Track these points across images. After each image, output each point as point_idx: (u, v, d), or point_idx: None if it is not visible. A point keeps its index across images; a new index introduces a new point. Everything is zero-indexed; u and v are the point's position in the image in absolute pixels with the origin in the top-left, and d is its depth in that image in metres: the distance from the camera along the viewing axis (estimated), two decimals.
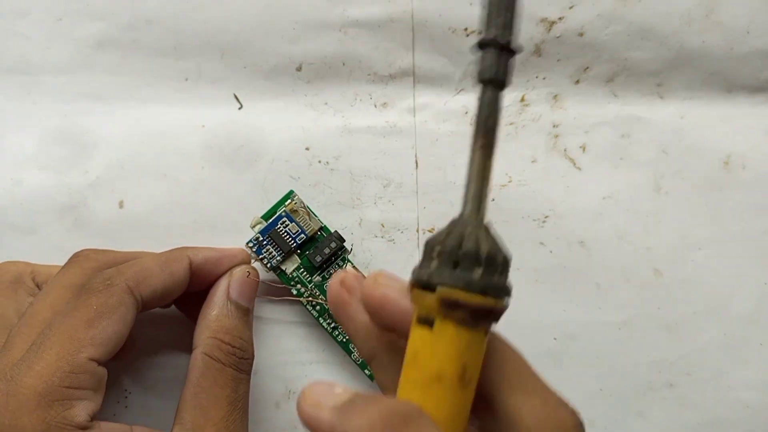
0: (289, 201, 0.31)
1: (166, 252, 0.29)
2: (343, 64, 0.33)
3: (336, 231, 0.31)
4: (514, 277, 0.32)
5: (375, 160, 0.33)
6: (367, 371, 0.31)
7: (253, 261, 0.31)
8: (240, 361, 0.27)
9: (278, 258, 0.31)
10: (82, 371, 0.23)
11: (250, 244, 0.31)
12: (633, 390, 0.32)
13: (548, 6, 0.33)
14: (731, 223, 0.33)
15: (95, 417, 0.24)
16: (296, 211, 0.31)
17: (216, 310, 0.28)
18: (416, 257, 0.33)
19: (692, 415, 0.32)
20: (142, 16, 0.33)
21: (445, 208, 0.33)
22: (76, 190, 0.33)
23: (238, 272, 0.29)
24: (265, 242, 0.31)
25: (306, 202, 0.31)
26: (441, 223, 0.32)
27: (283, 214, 0.31)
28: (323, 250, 0.31)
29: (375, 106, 0.34)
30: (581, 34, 0.33)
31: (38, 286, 0.29)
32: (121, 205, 0.33)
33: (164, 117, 0.33)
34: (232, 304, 0.28)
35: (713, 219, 0.33)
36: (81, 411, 0.23)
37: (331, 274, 0.31)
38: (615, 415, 0.32)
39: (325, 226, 0.31)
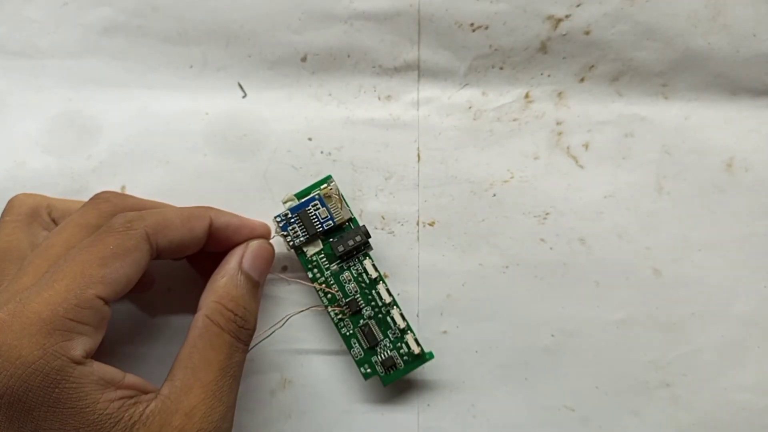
0: (324, 185, 0.31)
1: (189, 207, 0.29)
2: (348, 56, 0.33)
3: (364, 226, 0.31)
4: (514, 273, 0.33)
5: (377, 152, 0.33)
6: (362, 369, 0.31)
7: (275, 235, 0.31)
8: (239, 330, 0.27)
9: (302, 239, 0.31)
10: (88, 306, 0.23)
11: (278, 219, 0.30)
12: (629, 389, 0.32)
13: (555, 3, 0.33)
14: (732, 226, 0.33)
15: (90, 355, 0.24)
16: (330, 197, 0.31)
17: (226, 277, 0.28)
18: (415, 250, 0.33)
19: (687, 416, 0.32)
20: (149, 3, 0.33)
21: (445, 201, 0.33)
22: (78, 174, 0.33)
23: (255, 244, 0.29)
24: (292, 220, 0.30)
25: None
26: (441, 217, 0.33)
27: (317, 196, 0.31)
28: (347, 242, 0.30)
29: (379, 98, 0.34)
30: (587, 33, 0.33)
31: (54, 221, 0.29)
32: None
33: (168, 104, 0.33)
34: (243, 275, 0.28)
35: (714, 221, 0.33)
36: (78, 345, 0.23)
37: (350, 266, 0.31)
38: (610, 413, 0.32)
39: (354, 218, 0.31)
